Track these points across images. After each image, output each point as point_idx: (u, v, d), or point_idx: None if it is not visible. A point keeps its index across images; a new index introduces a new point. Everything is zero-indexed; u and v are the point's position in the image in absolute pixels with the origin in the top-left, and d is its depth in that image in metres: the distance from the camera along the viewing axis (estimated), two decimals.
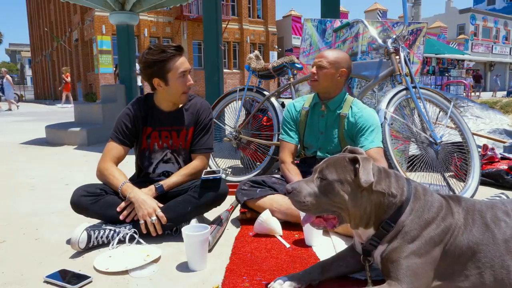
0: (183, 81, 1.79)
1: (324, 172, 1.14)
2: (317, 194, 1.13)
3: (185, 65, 1.79)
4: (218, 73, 5.01)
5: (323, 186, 1.13)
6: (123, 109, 1.91)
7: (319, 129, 2.05)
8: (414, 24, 2.86)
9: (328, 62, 1.94)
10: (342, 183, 1.12)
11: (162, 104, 1.89)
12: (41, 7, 33.44)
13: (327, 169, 1.14)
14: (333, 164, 1.15)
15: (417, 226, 1.11)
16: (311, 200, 1.13)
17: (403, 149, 2.83)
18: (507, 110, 5.37)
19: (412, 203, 1.14)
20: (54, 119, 8.01)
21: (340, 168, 1.13)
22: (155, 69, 1.76)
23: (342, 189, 1.11)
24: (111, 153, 1.83)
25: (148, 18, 21.40)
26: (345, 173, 1.13)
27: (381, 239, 1.14)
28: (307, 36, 2.97)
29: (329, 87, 1.99)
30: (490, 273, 1.08)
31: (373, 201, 1.13)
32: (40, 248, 1.66)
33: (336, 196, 1.12)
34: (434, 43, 17.28)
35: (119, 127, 1.86)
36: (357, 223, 1.16)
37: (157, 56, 1.74)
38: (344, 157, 1.16)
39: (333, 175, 1.12)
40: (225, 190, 1.78)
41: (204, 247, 1.43)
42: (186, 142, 1.93)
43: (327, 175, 1.13)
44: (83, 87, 23.37)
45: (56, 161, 3.85)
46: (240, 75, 25.17)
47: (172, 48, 1.75)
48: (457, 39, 31.19)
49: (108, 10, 5.47)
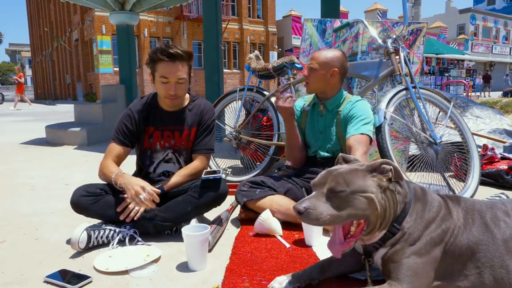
0: (163, 87, 1.81)
1: (338, 186, 1.08)
2: (334, 207, 1.07)
3: (170, 74, 1.77)
4: (218, 73, 5.02)
5: (341, 197, 1.07)
6: (125, 110, 1.93)
7: (319, 129, 2.06)
8: (414, 24, 2.86)
9: (318, 63, 1.95)
10: (364, 191, 1.08)
11: (162, 103, 1.91)
12: (41, 7, 33.46)
13: (336, 181, 1.09)
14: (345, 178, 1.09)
15: (419, 227, 1.11)
16: (331, 213, 1.07)
17: (403, 149, 2.83)
18: (507, 110, 5.37)
19: (413, 204, 1.14)
20: (54, 119, 8.02)
21: (358, 179, 1.09)
22: (150, 65, 1.82)
23: (366, 195, 1.08)
24: (111, 153, 1.85)
25: (148, 18, 21.41)
26: (366, 180, 1.09)
27: (384, 242, 1.13)
28: (307, 36, 2.97)
29: (322, 88, 2.00)
30: (490, 273, 1.08)
31: (391, 199, 1.11)
32: (40, 248, 1.66)
33: (360, 204, 1.07)
34: (434, 43, 17.29)
35: (120, 128, 1.88)
36: (381, 224, 1.12)
37: (153, 54, 1.79)
38: (356, 170, 1.12)
39: (353, 187, 1.08)
40: (225, 190, 1.78)
41: (204, 247, 1.43)
42: (188, 142, 1.93)
43: (344, 188, 1.07)
44: (83, 87, 23.38)
45: (56, 161, 3.85)
46: (240, 75, 25.18)
47: (165, 54, 1.75)
48: (457, 39, 31.19)
49: (108, 10, 5.47)
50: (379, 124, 2.12)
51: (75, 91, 25.23)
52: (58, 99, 28.07)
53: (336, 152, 2.02)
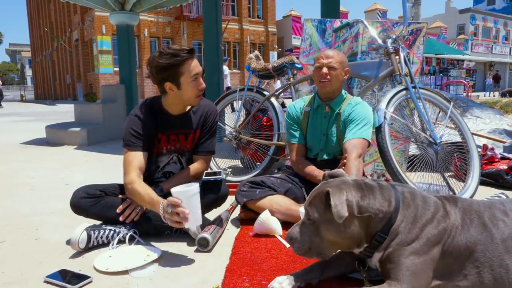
0: (195, 84, 1.72)
1: (309, 211, 1.12)
2: (310, 236, 1.12)
3: (197, 68, 1.72)
4: (218, 73, 5.02)
5: (312, 226, 1.12)
6: (130, 117, 1.78)
7: (322, 130, 2.05)
8: (414, 24, 2.86)
9: (337, 62, 1.95)
10: (325, 221, 1.10)
11: (171, 108, 1.81)
12: (41, 7, 33.46)
13: (310, 207, 1.13)
14: (314, 200, 1.13)
15: (413, 230, 1.11)
16: (307, 244, 1.12)
17: (403, 149, 2.83)
18: (507, 110, 5.37)
19: (402, 210, 1.13)
20: (54, 119, 8.01)
21: (319, 204, 1.11)
22: (168, 73, 1.68)
23: (327, 227, 1.10)
24: (132, 164, 1.68)
25: (148, 18, 21.41)
26: (324, 209, 1.10)
27: (375, 249, 1.15)
28: (307, 36, 2.97)
29: (337, 87, 2.01)
30: (489, 272, 1.08)
31: (361, 224, 1.11)
32: (40, 248, 1.66)
33: (325, 235, 1.11)
34: (434, 43, 17.28)
35: (132, 133, 1.73)
36: (353, 248, 1.16)
37: (170, 60, 1.65)
38: (321, 191, 1.12)
39: (315, 214, 1.11)
40: (225, 191, 1.78)
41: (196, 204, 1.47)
42: (192, 144, 1.91)
43: (311, 215, 1.11)
44: (83, 87, 23.38)
45: (56, 161, 3.85)
46: (240, 75, 25.18)
47: (185, 52, 1.67)
48: (457, 39, 31.19)
49: (108, 10, 5.48)
50: (379, 124, 2.12)
51: (75, 91, 25.23)
52: (58, 99, 28.08)
53: (337, 154, 2.02)
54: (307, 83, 2.95)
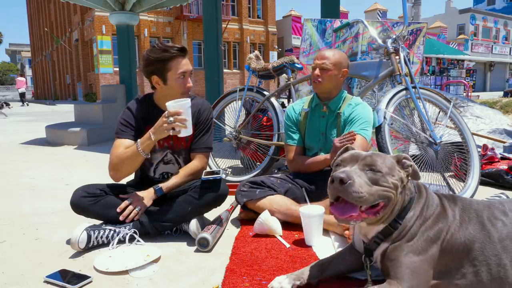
0: (182, 82, 1.78)
1: (377, 166, 1.12)
2: (369, 185, 1.10)
3: (185, 67, 1.77)
4: (218, 73, 5.02)
5: (376, 178, 1.10)
6: (123, 110, 1.88)
7: (320, 130, 2.06)
8: (414, 24, 2.86)
9: (331, 63, 1.96)
10: (393, 176, 1.12)
11: (161, 103, 1.85)
12: (41, 7, 33.47)
13: (377, 163, 1.12)
14: (381, 160, 1.14)
15: (417, 223, 1.13)
16: (367, 190, 1.08)
17: (403, 149, 2.83)
18: (507, 110, 5.37)
19: (416, 201, 1.16)
20: (54, 119, 8.02)
21: (390, 164, 1.15)
22: (156, 67, 1.75)
23: (394, 180, 1.12)
24: (119, 148, 1.76)
25: (148, 18, 21.41)
26: (394, 168, 1.14)
27: (386, 237, 1.15)
28: (307, 36, 2.97)
29: (332, 87, 2.01)
30: (487, 271, 1.08)
31: (403, 193, 1.15)
32: (40, 248, 1.66)
33: (389, 185, 1.11)
34: (434, 43, 17.27)
35: (123, 124, 1.82)
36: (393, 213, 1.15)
37: (159, 54, 1.73)
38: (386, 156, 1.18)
39: (386, 169, 1.12)
40: (225, 190, 1.78)
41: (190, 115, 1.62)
42: (187, 142, 1.92)
43: (381, 169, 1.11)
44: (83, 87, 23.39)
45: (56, 161, 3.85)
46: (240, 75, 25.18)
47: (175, 49, 1.74)
48: (457, 39, 31.18)
49: (108, 10, 5.48)
50: (379, 124, 2.12)
51: (75, 91, 25.23)
52: (58, 99, 28.08)
53: None
54: (307, 83, 2.95)
